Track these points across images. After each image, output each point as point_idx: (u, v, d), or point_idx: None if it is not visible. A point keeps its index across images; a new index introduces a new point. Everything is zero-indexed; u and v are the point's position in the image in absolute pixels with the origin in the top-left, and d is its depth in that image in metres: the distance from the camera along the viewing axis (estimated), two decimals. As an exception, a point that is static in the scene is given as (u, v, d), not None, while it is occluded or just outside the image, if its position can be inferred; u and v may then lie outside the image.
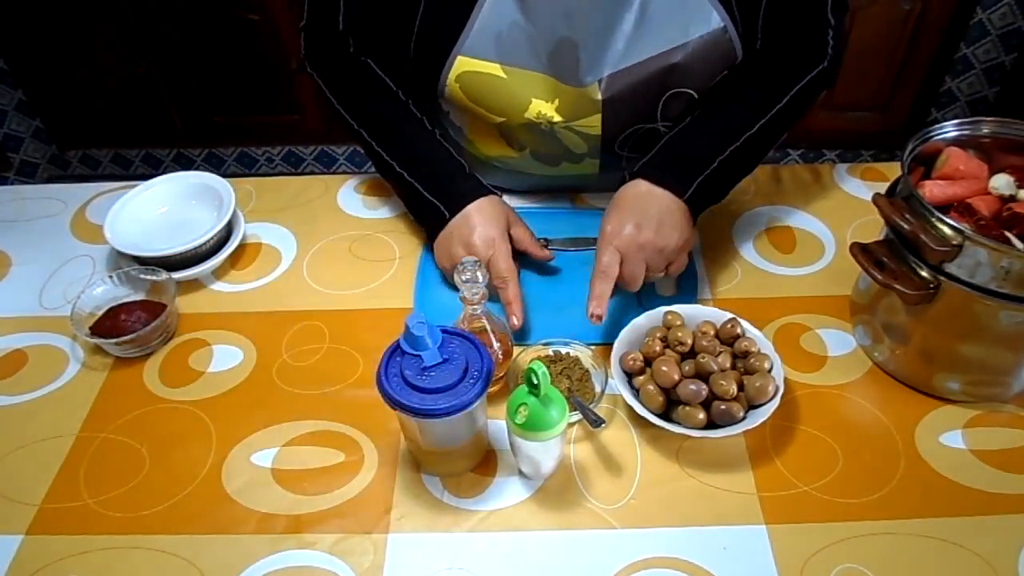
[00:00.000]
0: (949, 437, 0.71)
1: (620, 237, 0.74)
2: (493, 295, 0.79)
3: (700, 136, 0.81)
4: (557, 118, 0.85)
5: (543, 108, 0.84)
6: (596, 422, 0.67)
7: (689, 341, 0.71)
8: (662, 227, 0.75)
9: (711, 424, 0.68)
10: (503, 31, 0.80)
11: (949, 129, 0.73)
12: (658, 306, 0.76)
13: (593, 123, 0.85)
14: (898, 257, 0.69)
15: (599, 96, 0.82)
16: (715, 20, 0.79)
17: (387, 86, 0.88)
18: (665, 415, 0.69)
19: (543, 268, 0.88)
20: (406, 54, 0.88)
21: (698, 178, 0.78)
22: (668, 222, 0.75)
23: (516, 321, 0.78)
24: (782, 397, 0.67)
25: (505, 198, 0.98)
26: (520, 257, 0.89)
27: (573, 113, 0.85)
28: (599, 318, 0.72)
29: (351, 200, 1.00)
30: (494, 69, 0.82)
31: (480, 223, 0.81)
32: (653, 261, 0.75)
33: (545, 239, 0.90)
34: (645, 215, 0.75)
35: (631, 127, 0.88)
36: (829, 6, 0.80)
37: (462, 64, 0.82)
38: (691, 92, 0.84)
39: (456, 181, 0.85)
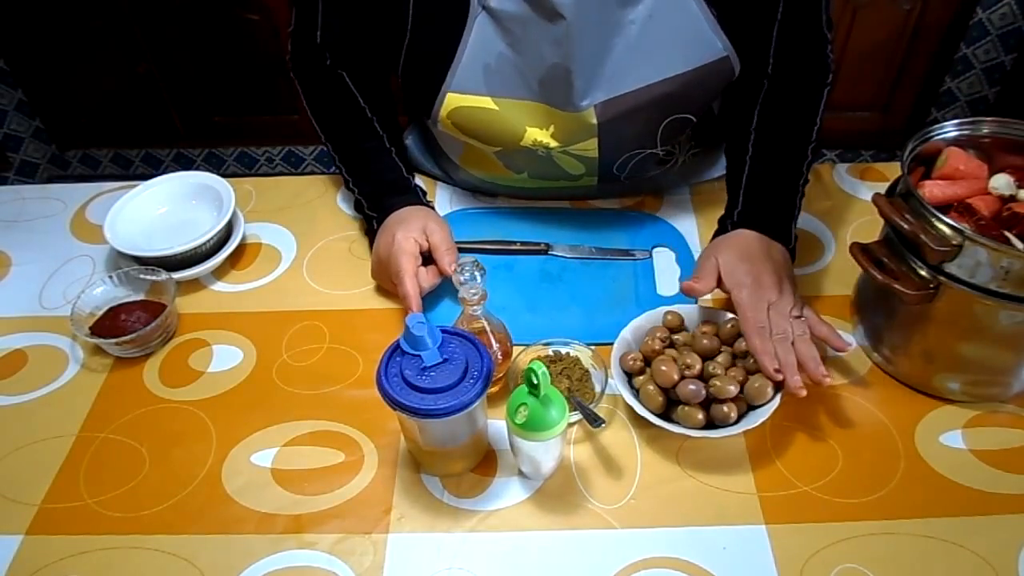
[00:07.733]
0: (949, 437, 0.71)
1: (776, 307, 0.71)
2: (493, 296, 0.79)
3: (775, 180, 0.82)
4: (553, 144, 0.84)
5: (538, 135, 0.83)
6: (596, 422, 0.67)
7: (698, 367, 0.69)
8: (787, 287, 0.74)
9: (711, 424, 0.68)
10: (490, 63, 0.79)
11: (949, 129, 0.73)
12: (658, 306, 0.76)
13: (590, 147, 0.85)
14: (898, 257, 0.69)
15: (594, 120, 0.81)
16: (718, 48, 0.78)
17: (356, 102, 0.89)
18: (665, 415, 0.69)
19: (543, 269, 0.88)
20: (390, 73, 0.88)
21: (792, 222, 0.80)
22: (790, 283, 0.75)
23: (414, 307, 0.76)
24: (782, 397, 0.67)
25: (503, 199, 0.99)
26: (517, 258, 0.89)
27: (569, 138, 0.84)
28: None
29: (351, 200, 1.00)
30: (485, 102, 0.82)
31: (386, 228, 0.82)
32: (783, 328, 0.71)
33: (547, 244, 0.90)
34: (780, 276, 0.73)
35: (629, 151, 0.88)
36: (824, 23, 0.81)
37: (453, 100, 0.82)
38: (690, 116, 0.84)
39: (390, 196, 0.86)
